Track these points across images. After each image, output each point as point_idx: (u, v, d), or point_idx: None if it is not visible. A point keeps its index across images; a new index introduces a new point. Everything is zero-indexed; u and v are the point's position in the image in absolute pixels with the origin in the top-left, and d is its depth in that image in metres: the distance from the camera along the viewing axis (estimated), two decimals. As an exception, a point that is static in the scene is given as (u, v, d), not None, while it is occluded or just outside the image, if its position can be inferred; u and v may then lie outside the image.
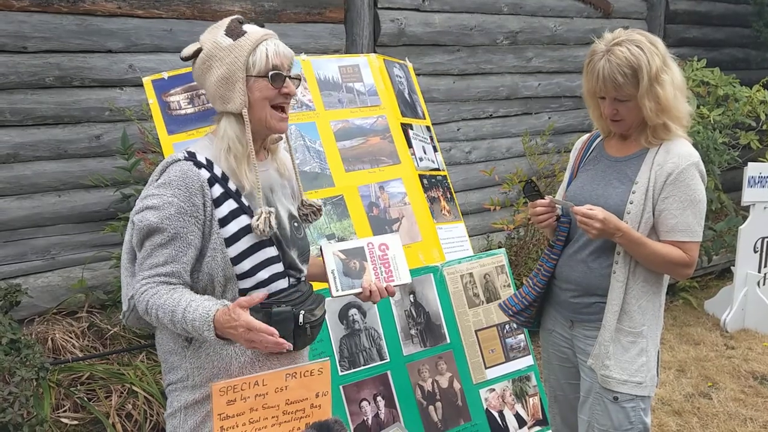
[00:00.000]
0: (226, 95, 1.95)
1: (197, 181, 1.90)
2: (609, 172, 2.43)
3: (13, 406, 2.91)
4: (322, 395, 2.01)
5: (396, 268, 2.24)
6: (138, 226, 1.89)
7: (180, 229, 1.87)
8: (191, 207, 1.89)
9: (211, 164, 1.96)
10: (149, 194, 1.91)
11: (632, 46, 2.25)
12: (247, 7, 4.36)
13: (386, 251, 2.25)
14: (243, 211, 1.96)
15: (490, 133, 5.78)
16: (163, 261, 1.87)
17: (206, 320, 1.80)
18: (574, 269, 2.47)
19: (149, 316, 1.89)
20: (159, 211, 1.87)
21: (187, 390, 2.00)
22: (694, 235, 2.31)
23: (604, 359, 2.39)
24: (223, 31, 1.95)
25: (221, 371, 1.98)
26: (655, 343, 2.44)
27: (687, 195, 2.29)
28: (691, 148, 2.35)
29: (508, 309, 2.65)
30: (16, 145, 3.76)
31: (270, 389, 1.92)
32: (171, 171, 1.91)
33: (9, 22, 3.64)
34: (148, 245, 1.89)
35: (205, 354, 1.98)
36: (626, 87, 2.25)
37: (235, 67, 1.93)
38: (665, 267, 2.35)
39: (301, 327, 2.01)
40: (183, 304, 1.84)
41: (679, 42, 6.77)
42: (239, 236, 1.95)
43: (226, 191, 1.95)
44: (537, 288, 2.57)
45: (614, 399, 2.39)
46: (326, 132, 3.14)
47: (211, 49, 1.95)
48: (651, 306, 2.40)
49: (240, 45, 1.93)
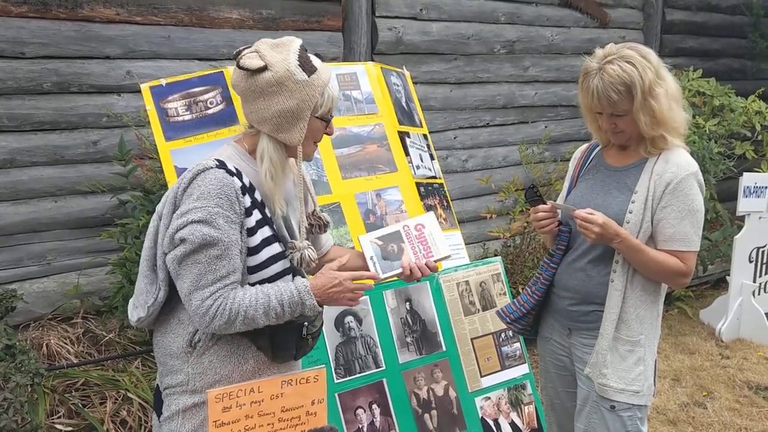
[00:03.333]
0: (285, 127, 1.95)
1: (233, 189, 1.90)
2: (608, 182, 2.44)
3: (8, 412, 2.90)
4: (317, 402, 2.01)
5: (434, 244, 2.24)
6: (191, 240, 1.85)
7: (232, 238, 1.89)
8: (234, 215, 1.90)
9: (240, 174, 1.97)
10: (192, 208, 1.88)
11: (624, 63, 2.25)
12: (246, 14, 4.37)
13: (422, 230, 2.25)
14: (265, 222, 1.99)
15: (487, 142, 5.79)
16: (226, 272, 1.89)
17: (306, 290, 1.93)
18: (572, 277, 2.48)
19: (231, 323, 1.89)
20: (209, 224, 1.86)
21: (186, 394, 2.00)
22: (691, 244, 2.32)
23: (601, 368, 2.39)
24: (296, 60, 1.93)
25: (223, 378, 1.98)
26: (653, 352, 2.44)
27: (685, 204, 2.30)
28: (689, 158, 2.36)
29: (505, 316, 2.65)
30: (13, 150, 3.76)
31: (266, 396, 1.92)
32: (206, 180, 1.89)
33: (7, 27, 3.64)
34: (204, 259, 1.87)
35: (208, 361, 1.98)
36: (621, 103, 2.27)
37: (305, 106, 1.94)
38: (662, 275, 2.35)
39: (304, 338, 2.04)
40: (269, 291, 1.91)
41: (675, 52, 6.80)
42: (260, 248, 1.97)
43: (253, 201, 1.97)
44: (535, 296, 2.57)
45: (611, 408, 2.39)
46: (324, 139, 3.14)
47: (283, 77, 1.91)
48: (649, 315, 2.40)
49: (314, 84, 1.94)
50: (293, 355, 2.06)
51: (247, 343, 2.00)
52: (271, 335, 1.99)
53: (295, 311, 1.94)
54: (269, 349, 2.02)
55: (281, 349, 2.03)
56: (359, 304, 2.06)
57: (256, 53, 1.94)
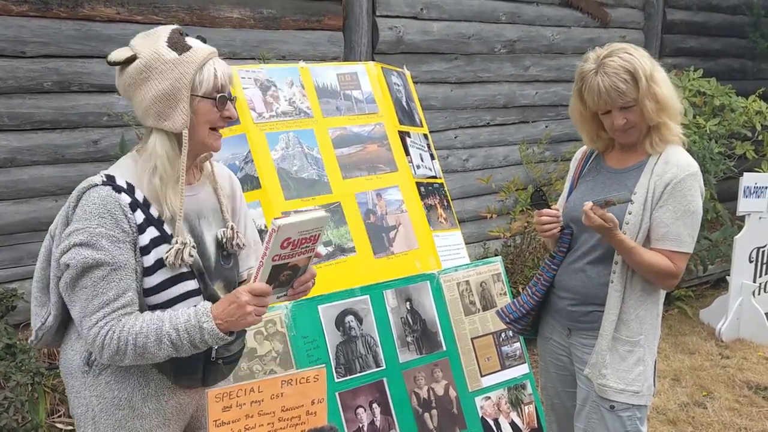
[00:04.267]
0: (165, 112, 1.80)
1: (118, 206, 1.76)
2: (609, 184, 2.44)
3: (8, 411, 2.91)
4: (317, 402, 2.01)
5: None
6: (73, 265, 1.72)
7: (119, 257, 1.74)
8: (122, 233, 1.76)
9: (132, 188, 1.82)
10: (74, 230, 1.75)
11: (622, 54, 2.29)
12: (246, 14, 4.37)
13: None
14: (164, 239, 1.82)
15: (488, 142, 5.79)
16: (114, 296, 1.74)
17: (204, 311, 1.74)
18: (572, 278, 2.48)
19: (122, 353, 1.75)
20: (91, 246, 1.73)
21: (91, 427, 1.87)
22: (683, 245, 2.31)
23: (600, 368, 2.39)
24: (164, 42, 1.80)
25: (123, 403, 1.86)
26: (653, 352, 2.45)
27: (682, 205, 2.30)
28: (690, 158, 2.36)
29: (505, 316, 2.66)
30: (13, 149, 3.76)
31: (266, 396, 1.92)
32: (89, 199, 1.76)
33: (8, 26, 3.65)
34: (89, 283, 1.74)
35: (105, 381, 1.85)
36: (629, 92, 2.28)
37: (180, 85, 1.78)
38: (651, 275, 2.35)
39: (213, 362, 1.90)
40: (164, 315, 1.76)
41: (676, 52, 6.80)
42: (157, 267, 1.81)
43: (147, 218, 1.81)
44: (535, 297, 2.58)
45: (611, 408, 2.39)
46: (324, 139, 3.15)
47: (150, 60, 1.78)
48: (648, 315, 2.40)
49: (186, 60, 1.80)
50: (200, 380, 1.92)
51: (148, 365, 1.85)
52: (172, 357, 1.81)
53: (194, 338, 1.74)
54: (171, 372, 1.87)
55: (184, 372, 1.88)
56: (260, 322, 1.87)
57: (126, 47, 1.83)
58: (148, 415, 1.89)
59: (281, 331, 2.69)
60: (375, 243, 3.11)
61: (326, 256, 2.95)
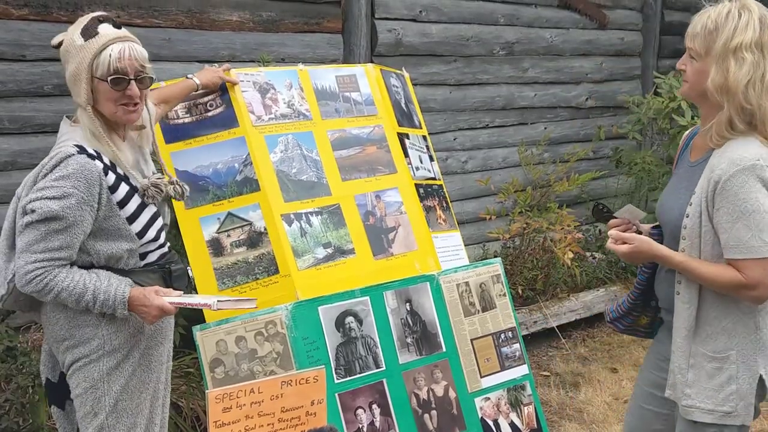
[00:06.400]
0: (75, 90, 2.16)
1: (95, 172, 2.09)
2: (683, 178, 2.20)
3: (9, 413, 2.92)
4: (317, 403, 2.02)
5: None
6: (38, 212, 2.03)
7: (78, 218, 2.06)
8: (89, 197, 2.08)
9: (99, 155, 2.16)
10: (48, 186, 2.06)
11: (735, 8, 2.00)
12: (246, 16, 4.38)
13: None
14: (135, 191, 2.23)
15: (487, 143, 5.81)
16: (59, 246, 2.06)
17: (122, 301, 2.10)
18: (659, 285, 2.28)
19: (42, 295, 2.08)
20: (60, 201, 2.04)
21: (105, 356, 2.18)
22: (749, 251, 1.99)
23: (683, 388, 2.15)
24: (80, 29, 2.13)
25: (136, 331, 2.25)
26: (752, 368, 2.11)
27: (735, 205, 1.99)
28: (750, 149, 2.01)
29: (606, 315, 2.49)
30: (14, 152, 3.77)
31: (265, 396, 1.93)
32: (69, 165, 2.07)
33: (8, 30, 3.66)
34: (44, 229, 2.04)
35: (120, 319, 2.19)
36: (697, 42, 2.04)
37: (81, 68, 2.12)
38: (721, 290, 2.08)
39: (191, 280, 2.32)
40: (91, 286, 2.08)
41: (674, 53, 6.81)
42: (138, 212, 2.23)
43: (117, 176, 2.18)
44: (630, 299, 2.37)
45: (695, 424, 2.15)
46: (323, 141, 3.16)
47: (66, 45, 2.16)
48: (740, 328, 2.10)
49: (88, 47, 2.11)
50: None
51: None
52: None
53: (105, 311, 2.13)
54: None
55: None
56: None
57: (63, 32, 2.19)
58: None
59: (281, 332, 2.70)
60: (374, 244, 3.11)
61: (326, 258, 2.97)
